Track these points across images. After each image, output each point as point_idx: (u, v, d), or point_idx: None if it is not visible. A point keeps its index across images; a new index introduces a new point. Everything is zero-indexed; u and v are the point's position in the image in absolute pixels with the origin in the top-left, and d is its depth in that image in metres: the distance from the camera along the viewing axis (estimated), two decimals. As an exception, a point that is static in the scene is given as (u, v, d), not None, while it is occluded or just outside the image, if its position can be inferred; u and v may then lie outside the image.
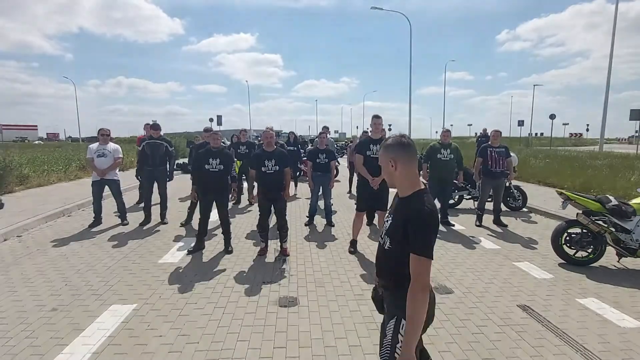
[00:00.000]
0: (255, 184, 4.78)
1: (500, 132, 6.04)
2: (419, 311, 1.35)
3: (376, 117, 4.74)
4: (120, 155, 5.85)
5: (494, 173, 5.85)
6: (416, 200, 1.44)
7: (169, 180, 6.09)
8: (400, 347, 1.42)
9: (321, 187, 6.04)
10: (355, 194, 6.03)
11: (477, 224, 6.02)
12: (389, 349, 1.47)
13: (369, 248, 4.78)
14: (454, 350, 2.52)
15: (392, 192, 1.83)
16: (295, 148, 8.49)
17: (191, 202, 5.75)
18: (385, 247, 1.53)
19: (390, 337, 1.48)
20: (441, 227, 5.93)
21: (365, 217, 4.90)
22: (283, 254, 4.43)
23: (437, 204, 6.25)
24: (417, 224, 1.39)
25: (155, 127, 5.89)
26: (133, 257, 4.37)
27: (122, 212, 5.92)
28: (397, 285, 1.48)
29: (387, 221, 1.57)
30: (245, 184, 7.89)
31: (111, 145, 5.75)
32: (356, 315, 2.98)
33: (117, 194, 5.84)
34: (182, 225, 5.79)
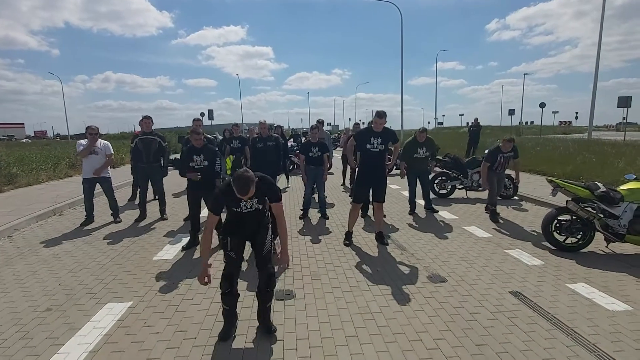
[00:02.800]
0: None
1: (514, 139, 5.99)
2: (285, 227, 2.71)
3: (379, 117, 4.27)
4: (111, 152, 5.77)
5: (497, 171, 5.98)
6: (268, 181, 2.63)
7: (163, 176, 6.04)
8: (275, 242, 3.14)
9: (314, 180, 6.04)
10: (350, 186, 6.04)
11: (492, 218, 5.73)
12: (270, 243, 2.74)
13: (364, 240, 4.81)
14: (448, 337, 2.57)
15: (389, 184, 1.82)
16: (283, 141, 8.49)
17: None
18: (260, 209, 2.67)
19: (270, 239, 2.74)
20: (427, 215, 5.99)
21: (359, 209, 4.90)
22: None
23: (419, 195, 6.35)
24: (274, 190, 2.64)
25: (146, 117, 5.69)
26: (127, 254, 4.34)
27: (114, 209, 5.87)
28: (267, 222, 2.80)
29: (254, 200, 2.59)
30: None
31: (101, 142, 5.66)
32: (352, 307, 3.02)
33: (109, 191, 5.77)
34: (185, 220, 5.76)
